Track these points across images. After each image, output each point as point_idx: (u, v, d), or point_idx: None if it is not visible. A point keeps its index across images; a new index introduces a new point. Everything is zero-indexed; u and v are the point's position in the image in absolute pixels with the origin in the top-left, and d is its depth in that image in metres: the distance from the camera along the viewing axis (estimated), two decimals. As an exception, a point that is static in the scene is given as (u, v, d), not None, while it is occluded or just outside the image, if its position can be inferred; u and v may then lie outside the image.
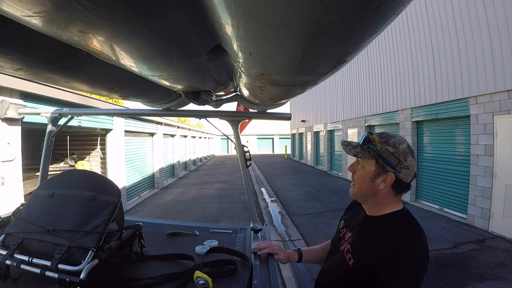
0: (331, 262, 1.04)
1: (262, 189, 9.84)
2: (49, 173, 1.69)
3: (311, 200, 7.91)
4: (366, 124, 10.23)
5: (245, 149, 1.73)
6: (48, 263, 0.90)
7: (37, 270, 0.89)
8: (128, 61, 0.69)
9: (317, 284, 1.09)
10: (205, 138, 25.23)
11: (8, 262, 0.93)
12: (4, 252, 0.95)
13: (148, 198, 8.54)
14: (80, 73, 0.93)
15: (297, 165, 18.72)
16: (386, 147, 0.88)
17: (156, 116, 1.82)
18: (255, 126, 35.57)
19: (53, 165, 6.32)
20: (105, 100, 6.26)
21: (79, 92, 4.81)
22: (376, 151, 0.89)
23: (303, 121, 19.74)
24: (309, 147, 18.66)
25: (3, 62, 0.72)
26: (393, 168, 0.87)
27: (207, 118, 1.67)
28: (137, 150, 8.59)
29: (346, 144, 0.98)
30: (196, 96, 1.12)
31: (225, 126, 1.86)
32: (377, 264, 0.82)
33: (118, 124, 6.84)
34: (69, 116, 1.79)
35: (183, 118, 22.42)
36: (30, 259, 0.92)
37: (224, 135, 2.01)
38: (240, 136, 1.75)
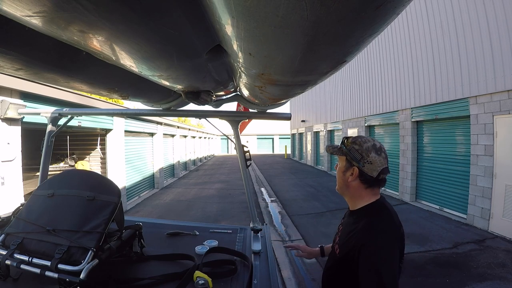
0: (329, 256, 1.19)
1: (262, 189, 9.84)
2: (49, 173, 1.69)
3: (311, 200, 7.91)
4: (366, 124, 10.23)
5: (245, 149, 1.73)
6: (48, 263, 0.90)
7: (37, 270, 0.89)
8: (128, 61, 0.69)
9: (322, 277, 1.19)
10: (205, 138, 25.22)
11: (8, 262, 0.93)
12: (4, 252, 0.95)
13: (148, 198, 8.53)
14: (80, 73, 0.93)
15: (297, 165, 18.72)
16: (353, 145, 1.05)
17: (156, 116, 1.82)
18: (255, 126, 35.56)
19: (53, 165, 6.32)
20: (105, 100, 6.26)
21: (79, 92, 4.81)
22: (346, 149, 1.07)
23: (303, 121, 19.74)
24: (309, 147, 18.65)
25: (3, 62, 0.72)
26: (357, 162, 1.02)
27: (207, 118, 1.67)
28: (137, 150, 8.59)
29: (328, 146, 1.18)
30: (196, 96, 1.12)
31: (225, 126, 1.86)
32: (352, 252, 0.94)
33: (118, 124, 6.83)
34: (69, 116, 1.79)
35: (183, 118, 22.42)
36: (30, 259, 0.92)
37: (224, 135, 2.02)
38: (240, 136, 1.75)
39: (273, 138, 41.05)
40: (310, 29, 0.42)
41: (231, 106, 2.15)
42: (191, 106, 1.48)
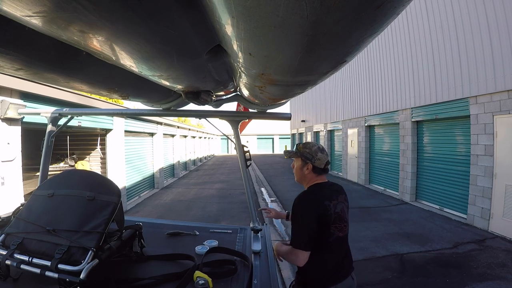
0: None
1: (262, 189, 9.83)
2: (49, 173, 1.69)
3: (311, 200, 7.90)
4: (366, 124, 10.22)
5: (245, 149, 1.73)
6: (48, 263, 0.90)
7: (37, 270, 0.89)
8: (128, 61, 0.69)
9: None
10: (205, 138, 25.21)
11: (8, 262, 0.92)
12: (4, 252, 0.95)
13: (148, 198, 8.53)
14: (80, 73, 0.93)
15: (297, 165, 18.66)
16: (305, 149, 1.57)
17: (156, 116, 1.82)
18: (255, 126, 35.55)
19: (53, 165, 6.32)
20: (105, 100, 6.26)
21: (79, 92, 4.81)
22: (300, 152, 1.57)
23: (303, 121, 19.73)
24: (309, 147, 18.60)
25: (3, 62, 0.72)
26: (310, 160, 1.54)
27: (207, 118, 1.67)
28: (137, 150, 8.59)
29: (285, 151, 1.68)
30: (196, 96, 1.12)
31: (225, 126, 1.86)
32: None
33: (118, 124, 6.83)
34: (69, 116, 1.79)
35: (183, 118, 22.41)
36: (30, 259, 0.92)
37: (224, 135, 2.02)
38: (240, 136, 1.75)
39: (273, 138, 41.03)
40: (310, 29, 0.42)
41: (231, 106, 2.15)
42: (191, 106, 1.48)
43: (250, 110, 1.66)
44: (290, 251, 1.41)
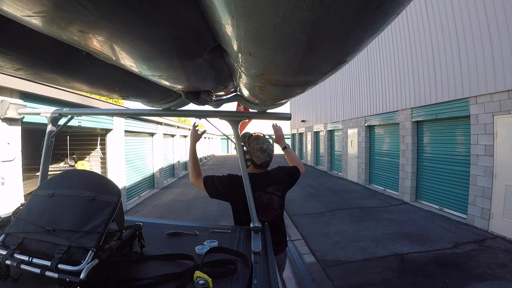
0: None
1: (262, 189, 9.83)
2: (49, 173, 1.69)
3: (311, 200, 7.91)
4: (366, 124, 10.22)
5: (245, 149, 1.73)
6: (48, 263, 0.90)
7: (37, 270, 0.89)
8: (128, 61, 0.69)
9: None
10: (205, 138, 25.20)
11: (8, 262, 0.92)
12: (4, 252, 0.95)
13: (148, 198, 8.53)
14: (80, 73, 0.93)
15: (297, 165, 18.65)
16: (251, 143, 1.82)
17: (156, 116, 1.82)
18: (255, 126, 35.52)
19: (53, 165, 6.32)
20: (105, 100, 6.26)
21: (79, 92, 4.81)
22: (247, 143, 1.83)
23: (303, 121, 19.73)
24: (309, 147, 18.65)
25: (3, 62, 0.72)
26: (250, 154, 1.81)
27: (207, 118, 1.67)
28: (137, 150, 8.59)
29: (244, 135, 1.95)
30: (196, 96, 1.12)
31: (225, 126, 1.87)
32: None
33: (118, 124, 6.83)
34: (69, 116, 1.79)
35: (183, 118, 22.40)
36: (30, 259, 0.92)
37: (224, 135, 2.02)
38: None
39: (273, 138, 40.95)
40: (310, 29, 0.42)
41: (231, 106, 2.16)
42: (191, 106, 1.48)
43: (250, 110, 1.66)
44: (199, 173, 1.85)
